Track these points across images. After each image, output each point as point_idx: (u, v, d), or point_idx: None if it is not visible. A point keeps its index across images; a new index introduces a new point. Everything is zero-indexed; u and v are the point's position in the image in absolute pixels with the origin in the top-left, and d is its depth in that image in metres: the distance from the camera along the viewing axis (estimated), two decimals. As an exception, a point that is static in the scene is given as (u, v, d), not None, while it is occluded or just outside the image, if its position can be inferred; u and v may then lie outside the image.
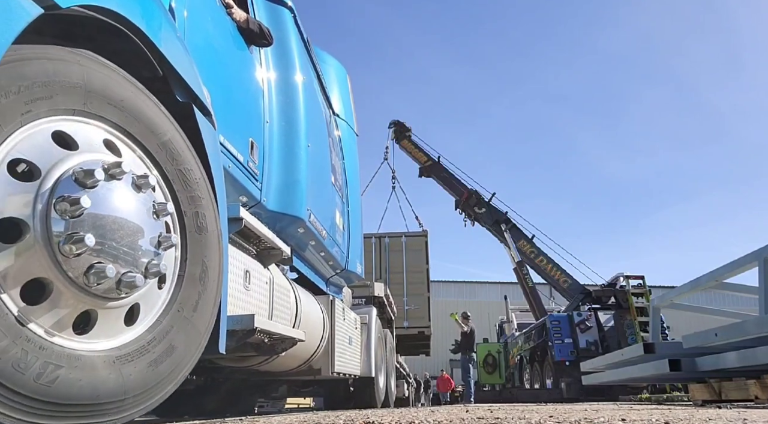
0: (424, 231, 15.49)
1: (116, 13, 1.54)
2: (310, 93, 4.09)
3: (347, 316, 5.15)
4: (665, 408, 4.64)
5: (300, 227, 3.73)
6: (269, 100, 3.32)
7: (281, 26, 3.68)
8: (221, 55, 2.72)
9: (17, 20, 1.22)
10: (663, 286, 24.72)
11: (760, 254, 4.35)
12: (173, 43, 1.85)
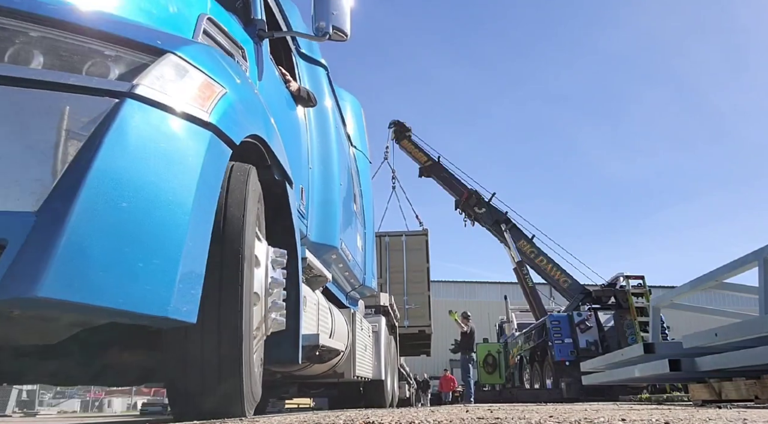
0: (424, 230, 15.48)
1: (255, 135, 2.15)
2: (339, 137, 4.65)
3: (363, 326, 5.72)
4: (665, 408, 4.63)
5: (333, 254, 4.28)
6: (311, 149, 3.83)
7: (317, 83, 4.23)
8: (284, 120, 3.16)
9: (223, 162, 1.82)
10: (663, 286, 24.73)
11: (760, 253, 4.35)
12: (278, 142, 2.48)
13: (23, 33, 1.47)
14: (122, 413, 33.61)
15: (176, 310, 1.51)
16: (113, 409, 36.22)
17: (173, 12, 2.15)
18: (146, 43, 1.62)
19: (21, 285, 1.26)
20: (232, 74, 2.03)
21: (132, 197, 1.43)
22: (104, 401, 36.82)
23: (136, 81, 1.53)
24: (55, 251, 1.28)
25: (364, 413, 2.87)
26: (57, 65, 1.46)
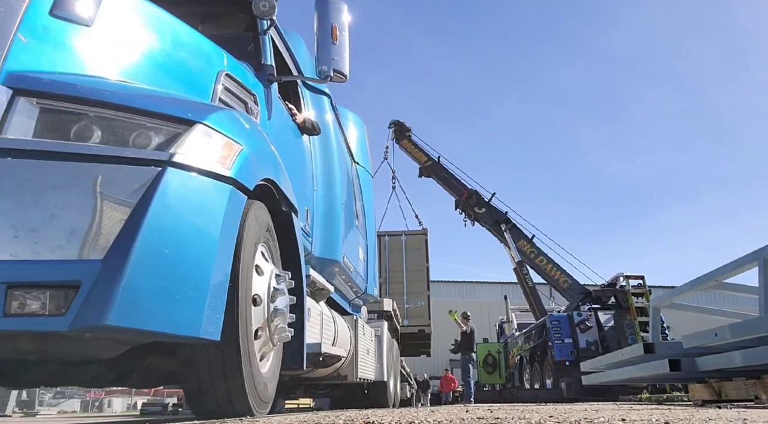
0: (424, 229, 15.48)
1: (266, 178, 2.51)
2: (341, 158, 5.00)
3: (366, 331, 6.11)
4: (665, 408, 4.64)
5: (336, 267, 4.64)
6: (315, 173, 4.19)
7: (321, 110, 4.58)
8: (291, 150, 3.55)
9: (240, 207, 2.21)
10: (663, 286, 24.73)
11: (760, 253, 4.35)
12: (285, 179, 2.85)
13: (84, 114, 1.88)
14: (122, 413, 33.62)
15: (205, 331, 1.93)
16: (113, 409, 36.24)
17: (198, 71, 2.65)
18: (179, 116, 2.02)
19: (93, 315, 1.65)
20: (247, 130, 2.43)
21: (172, 245, 1.84)
22: (104, 401, 36.84)
23: (173, 150, 1.92)
24: (117, 289, 1.68)
25: (364, 413, 2.87)
26: (111, 139, 1.88)
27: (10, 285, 1.65)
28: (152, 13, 2.53)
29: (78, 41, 2.12)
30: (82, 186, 1.76)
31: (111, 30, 2.25)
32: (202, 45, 2.79)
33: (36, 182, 1.73)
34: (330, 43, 3.26)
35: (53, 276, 1.67)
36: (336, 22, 3.30)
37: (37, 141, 1.80)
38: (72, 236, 1.70)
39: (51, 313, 1.66)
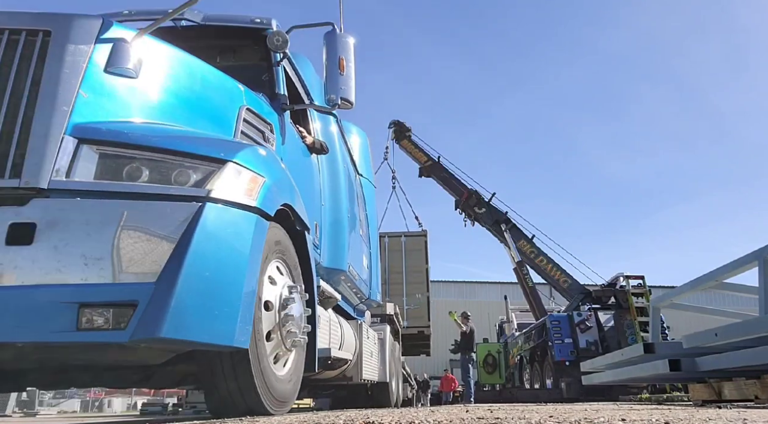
0: (423, 231, 15.48)
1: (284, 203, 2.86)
2: (346, 172, 5.31)
3: (369, 335, 6.42)
4: (665, 408, 4.64)
5: (342, 276, 4.94)
6: (323, 189, 4.48)
7: (327, 128, 4.88)
8: (301, 170, 3.86)
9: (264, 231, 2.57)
10: (663, 286, 24.72)
11: (760, 253, 4.35)
12: (299, 202, 3.14)
13: (134, 158, 2.23)
14: (122, 413, 33.62)
15: (237, 340, 2.28)
16: (113, 409, 36.24)
17: (223, 108, 3.05)
18: (213, 156, 2.37)
19: (148, 329, 1.99)
20: (268, 162, 2.77)
21: (211, 268, 2.19)
22: (104, 401, 36.84)
23: (209, 186, 2.28)
24: (168, 307, 2.02)
25: (364, 413, 2.88)
26: (157, 178, 2.23)
27: (81, 304, 1.99)
28: (184, 60, 2.93)
29: (127, 92, 2.52)
30: (136, 220, 2.11)
31: (153, 79, 2.66)
32: (226, 83, 3.17)
33: (99, 218, 2.09)
34: (338, 74, 3.56)
35: (115, 297, 2.02)
36: (343, 54, 3.59)
37: (97, 182, 2.17)
38: (130, 263, 2.05)
39: (113, 327, 2.00)
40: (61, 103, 2.23)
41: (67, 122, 2.21)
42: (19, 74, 2.25)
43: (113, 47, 2.48)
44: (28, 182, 2.09)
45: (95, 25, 2.44)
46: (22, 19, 2.38)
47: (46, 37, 2.32)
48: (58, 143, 2.17)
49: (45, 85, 2.23)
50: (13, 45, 2.28)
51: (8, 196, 2.08)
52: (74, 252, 2.02)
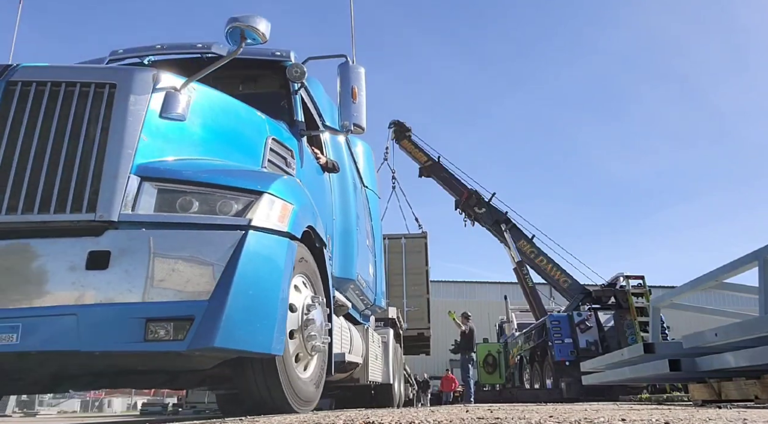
0: (423, 233, 15.49)
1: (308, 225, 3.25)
2: (354, 186, 5.65)
3: (374, 338, 6.79)
4: (665, 408, 4.64)
5: (351, 284, 5.22)
6: (334, 204, 4.78)
7: (337, 146, 5.18)
8: (316, 188, 4.16)
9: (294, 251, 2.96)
10: (663, 286, 24.73)
11: (760, 253, 4.35)
12: (319, 222, 3.56)
13: (185, 192, 2.64)
14: (122, 413, 33.62)
15: (274, 348, 2.69)
16: (113, 409, 36.25)
17: (253, 141, 3.46)
18: (251, 189, 2.78)
19: (203, 340, 2.37)
20: (295, 191, 3.18)
21: (253, 287, 2.58)
22: (104, 401, 36.84)
23: (249, 215, 2.66)
24: (220, 321, 2.40)
25: (364, 413, 2.89)
26: (205, 209, 2.63)
27: (148, 319, 2.37)
28: (221, 100, 3.35)
29: (178, 133, 2.94)
30: (191, 247, 2.50)
31: (197, 119, 3.07)
32: (254, 117, 3.58)
33: (161, 245, 2.47)
34: (351, 102, 3.90)
35: (175, 312, 2.39)
36: (356, 84, 3.93)
37: (158, 215, 2.56)
38: (187, 284, 2.44)
39: (174, 338, 2.38)
40: (127, 147, 2.62)
41: (132, 163, 2.61)
42: (90, 121, 2.64)
43: (165, 95, 2.89)
44: (102, 216, 2.49)
45: (151, 76, 2.85)
46: (91, 73, 2.84)
47: (112, 88, 2.71)
48: (125, 182, 2.56)
49: (112, 131, 2.63)
50: (84, 96, 2.68)
51: (86, 227, 2.49)
52: (141, 275, 2.41)
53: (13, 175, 2.53)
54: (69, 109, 2.66)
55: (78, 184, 2.54)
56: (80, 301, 2.36)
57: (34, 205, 2.50)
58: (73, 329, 2.32)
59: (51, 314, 2.35)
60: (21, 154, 2.57)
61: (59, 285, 2.38)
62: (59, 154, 2.58)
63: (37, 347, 2.33)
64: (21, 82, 2.68)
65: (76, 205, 2.50)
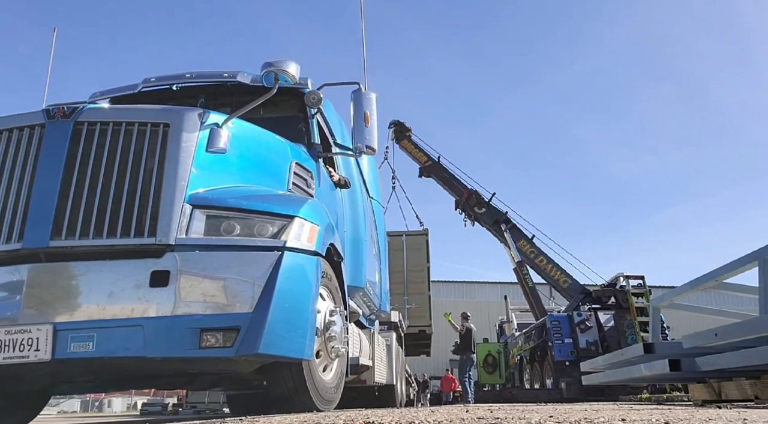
0: (424, 230, 15.49)
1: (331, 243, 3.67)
2: (362, 199, 6.00)
3: (379, 342, 7.13)
4: (665, 408, 4.64)
5: (360, 292, 5.54)
6: (345, 216, 5.07)
7: (348, 163, 5.54)
8: (330, 202, 4.51)
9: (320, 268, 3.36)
10: (663, 286, 24.73)
11: (760, 253, 4.35)
12: (338, 239, 3.96)
13: (228, 217, 3.04)
14: (122, 413, 33.61)
15: (306, 354, 3.12)
16: (113, 409, 36.23)
17: (280, 167, 3.85)
18: (284, 213, 3.17)
19: (248, 347, 2.77)
20: (320, 213, 3.55)
21: (289, 300, 2.98)
22: (104, 401, 36.82)
23: (284, 237, 3.07)
24: (263, 331, 2.80)
25: (364, 413, 2.89)
26: (245, 232, 3.03)
27: (202, 329, 2.75)
28: (254, 132, 3.79)
29: (220, 164, 3.35)
30: (236, 266, 2.91)
31: (235, 151, 3.47)
32: (280, 145, 3.99)
33: (211, 265, 2.87)
34: (363, 126, 4.23)
35: (224, 323, 2.78)
36: (368, 109, 4.25)
37: (207, 238, 2.97)
38: (234, 299, 2.83)
39: (223, 346, 2.76)
40: (180, 179, 3.03)
41: (185, 193, 3.02)
42: (148, 157, 3.05)
43: (210, 132, 3.31)
44: (162, 240, 2.88)
45: (199, 116, 3.27)
46: (147, 113, 3.23)
47: (166, 127, 3.13)
48: (180, 210, 2.96)
49: (168, 165, 3.04)
50: (142, 134, 3.09)
51: (148, 250, 2.88)
52: (196, 291, 2.81)
53: (83, 204, 2.92)
54: (129, 145, 3.06)
55: (140, 212, 2.94)
56: (145, 314, 2.76)
57: (103, 230, 2.90)
58: (140, 338, 2.72)
59: (121, 325, 2.75)
60: (90, 185, 2.96)
61: (127, 300, 2.78)
62: (123, 186, 2.98)
63: (110, 354, 2.72)
64: (87, 123, 3.08)
65: (138, 230, 2.91)
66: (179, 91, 4.57)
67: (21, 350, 2.70)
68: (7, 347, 2.70)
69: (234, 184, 3.38)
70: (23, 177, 2.98)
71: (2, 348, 2.71)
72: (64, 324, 2.73)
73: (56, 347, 2.69)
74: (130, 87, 4.67)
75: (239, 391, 6.06)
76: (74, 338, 2.71)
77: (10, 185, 2.99)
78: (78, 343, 2.71)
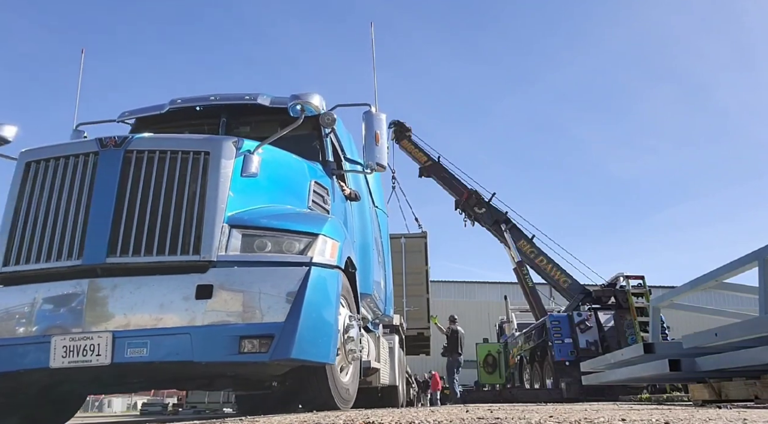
0: (423, 233, 15.48)
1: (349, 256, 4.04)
2: (370, 211, 6.43)
3: (384, 345, 7.48)
4: (665, 408, 4.65)
5: (368, 298, 5.81)
6: (354, 227, 5.38)
7: (356, 177, 5.86)
8: (342, 214, 4.91)
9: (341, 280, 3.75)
10: (663, 286, 24.73)
11: (760, 253, 4.37)
12: (353, 252, 4.33)
13: (260, 236, 3.42)
14: (122, 413, 33.60)
15: (331, 358, 3.51)
16: (113, 409, 36.21)
17: (301, 186, 4.28)
18: (309, 232, 3.54)
19: (281, 352, 3.12)
20: (339, 229, 3.94)
21: (316, 310, 3.33)
22: (104, 401, 36.80)
23: (310, 254, 3.45)
24: (294, 338, 3.15)
25: (364, 413, 2.91)
26: (275, 248, 3.42)
27: (241, 337, 3.11)
28: (279, 155, 4.20)
29: (253, 187, 3.74)
30: (269, 280, 3.26)
31: (264, 174, 3.86)
32: (301, 166, 4.43)
33: (248, 279, 3.24)
34: (374, 145, 4.54)
35: (260, 331, 3.14)
36: (378, 129, 4.57)
37: (243, 255, 3.35)
38: (268, 309, 3.19)
39: (259, 351, 3.11)
40: (220, 202, 3.42)
41: (224, 214, 3.40)
42: (191, 182, 3.44)
43: (244, 158, 3.72)
44: (205, 257, 3.27)
45: (234, 144, 3.68)
46: (190, 143, 3.61)
47: (206, 155, 3.52)
48: (220, 230, 3.35)
49: (209, 189, 3.43)
50: (185, 161, 3.49)
51: (194, 266, 3.27)
52: (235, 303, 3.18)
53: (135, 224, 3.29)
54: (174, 172, 3.44)
55: (185, 232, 3.32)
56: (192, 323, 3.11)
57: (153, 248, 3.27)
58: (188, 345, 3.06)
59: (171, 333, 3.09)
60: (140, 208, 3.33)
61: (176, 311, 3.13)
62: (170, 208, 3.35)
63: (161, 358, 3.07)
64: (136, 151, 3.46)
65: (184, 248, 3.28)
66: (203, 111, 4.93)
67: (84, 354, 3.06)
68: (71, 351, 3.06)
69: (264, 205, 3.76)
70: (80, 200, 3.36)
71: (68, 353, 3.07)
72: (122, 332, 3.08)
73: (115, 353, 3.04)
74: (157, 107, 5.00)
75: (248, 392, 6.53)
76: (130, 344, 3.06)
77: (69, 208, 3.36)
78: (133, 349, 3.05)
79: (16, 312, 3.24)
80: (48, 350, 3.08)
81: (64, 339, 3.10)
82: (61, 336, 3.11)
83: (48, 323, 3.16)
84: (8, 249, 3.37)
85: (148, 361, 3.06)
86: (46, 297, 3.22)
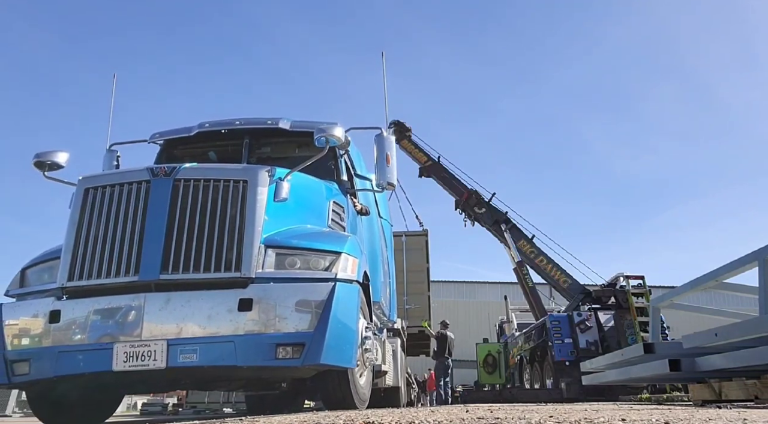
0: (424, 230, 15.49)
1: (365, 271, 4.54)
2: (377, 223, 6.91)
3: (388, 348, 7.84)
4: (665, 408, 4.65)
5: (376, 306, 6.09)
6: (363, 239, 5.68)
7: (366, 194, 6.31)
8: (354, 228, 5.41)
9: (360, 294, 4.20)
10: (663, 286, 24.73)
11: (760, 254, 4.38)
12: (367, 266, 4.68)
13: (290, 254, 3.90)
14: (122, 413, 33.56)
15: (353, 363, 3.94)
16: (113, 409, 36.05)
17: (322, 206, 4.80)
18: (333, 250, 4.01)
19: (312, 358, 3.57)
20: (357, 247, 4.36)
21: (341, 321, 3.74)
22: (104, 401, 36.67)
23: (335, 270, 3.91)
24: (323, 346, 3.58)
25: (364, 413, 2.91)
26: (303, 265, 3.90)
27: (277, 344, 3.56)
28: (304, 179, 4.69)
29: (283, 210, 4.23)
30: (301, 294, 3.70)
31: (292, 197, 4.36)
32: (322, 188, 4.94)
33: (282, 294, 3.68)
34: (385, 165, 4.95)
35: (294, 340, 3.59)
36: (389, 151, 4.99)
37: (277, 272, 3.83)
38: (299, 320, 3.63)
39: (292, 357, 3.56)
40: (257, 225, 3.90)
41: (261, 236, 3.88)
42: (231, 206, 3.91)
43: (276, 185, 4.24)
44: (245, 274, 3.74)
45: (268, 172, 4.16)
46: (230, 172, 4.09)
47: (245, 183, 4.00)
48: (257, 250, 3.83)
49: (247, 213, 3.90)
50: (226, 188, 3.97)
51: (236, 282, 3.74)
52: (272, 314, 3.62)
53: (184, 245, 3.76)
54: (217, 198, 3.91)
55: (227, 251, 3.79)
56: (236, 332, 3.56)
57: (200, 266, 3.73)
58: (232, 351, 3.52)
59: (218, 341, 3.54)
60: (188, 230, 3.79)
61: (222, 322, 3.58)
62: (214, 230, 3.82)
63: (209, 363, 3.52)
64: (183, 179, 3.93)
65: (227, 266, 3.75)
66: (228, 134, 5.41)
67: (143, 359, 3.51)
68: (131, 357, 3.52)
69: (292, 225, 4.27)
70: (135, 223, 3.83)
71: (128, 358, 3.52)
72: (175, 340, 3.54)
73: (169, 358, 3.50)
74: (186, 129, 5.45)
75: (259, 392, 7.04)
76: (182, 350, 3.51)
77: (125, 230, 3.83)
78: (185, 354, 3.50)
79: (80, 322, 3.69)
80: (110, 356, 3.54)
81: (124, 346, 3.56)
82: (122, 344, 3.58)
83: (110, 332, 3.62)
84: (72, 266, 3.83)
85: (198, 365, 3.51)
86: (108, 309, 3.68)
